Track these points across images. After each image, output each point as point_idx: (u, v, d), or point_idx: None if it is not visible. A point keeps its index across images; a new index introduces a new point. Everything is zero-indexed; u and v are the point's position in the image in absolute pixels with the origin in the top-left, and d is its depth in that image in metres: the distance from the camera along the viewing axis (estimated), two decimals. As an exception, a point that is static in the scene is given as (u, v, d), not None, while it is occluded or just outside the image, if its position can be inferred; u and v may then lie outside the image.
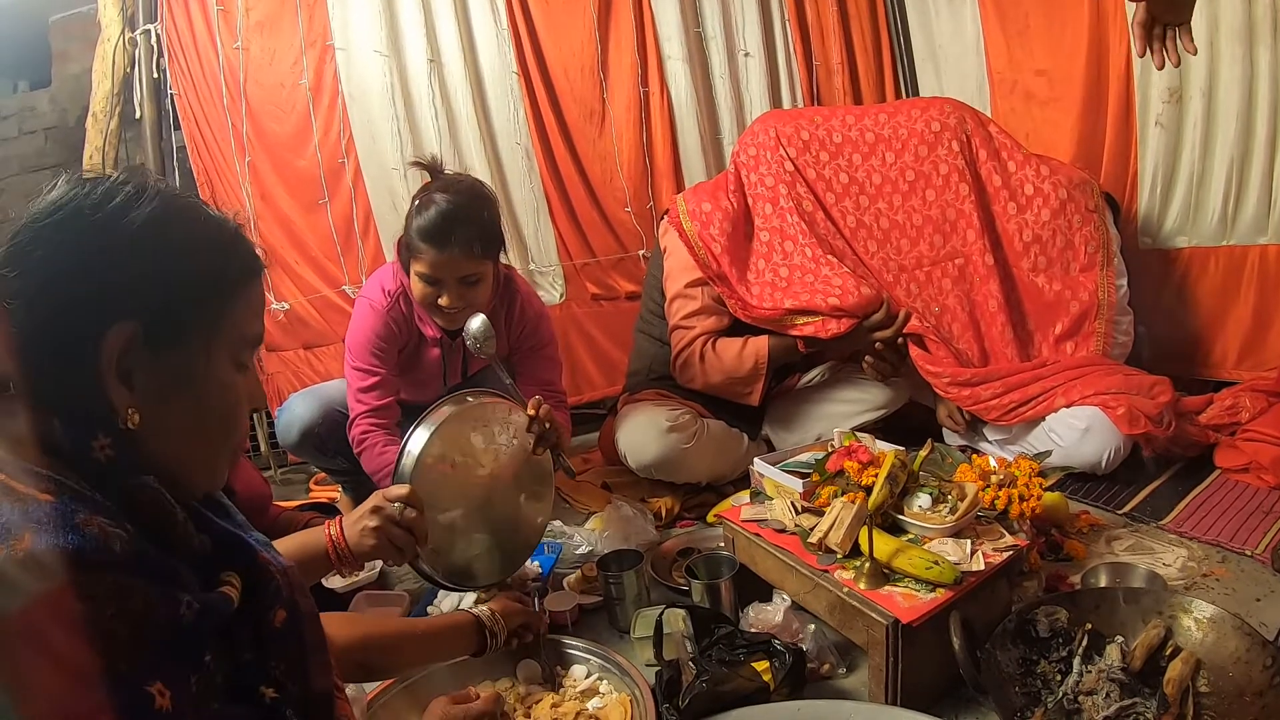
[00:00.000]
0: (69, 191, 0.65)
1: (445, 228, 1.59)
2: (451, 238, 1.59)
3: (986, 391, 2.02)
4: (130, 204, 0.65)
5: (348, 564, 1.19)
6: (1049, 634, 1.21)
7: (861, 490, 1.31)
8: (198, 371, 0.68)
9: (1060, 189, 2.12)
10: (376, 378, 1.75)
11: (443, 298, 1.66)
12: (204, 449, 0.71)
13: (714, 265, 2.08)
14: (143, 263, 0.65)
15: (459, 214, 1.60)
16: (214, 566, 0.68)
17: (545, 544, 1.77)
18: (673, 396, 2.13)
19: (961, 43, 2.79)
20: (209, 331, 0.69)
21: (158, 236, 0.66)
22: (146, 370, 0.64)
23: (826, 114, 2.22)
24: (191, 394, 0.68)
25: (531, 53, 2.65)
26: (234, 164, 2.37)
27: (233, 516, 0.78)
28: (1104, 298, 2.10)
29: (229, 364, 0.71)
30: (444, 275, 1.63)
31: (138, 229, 0.65)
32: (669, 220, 2.17)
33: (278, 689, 0.69)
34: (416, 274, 1.66)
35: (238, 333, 0.71)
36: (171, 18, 2.29)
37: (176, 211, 0.68)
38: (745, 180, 2.19)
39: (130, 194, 0.65)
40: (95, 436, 0.62)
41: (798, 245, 2.10)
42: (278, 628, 0.71)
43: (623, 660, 1.27)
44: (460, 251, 1.60)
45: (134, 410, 0.63)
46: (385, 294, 1.76)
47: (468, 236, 1.60)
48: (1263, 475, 1.83)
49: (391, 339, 1.76)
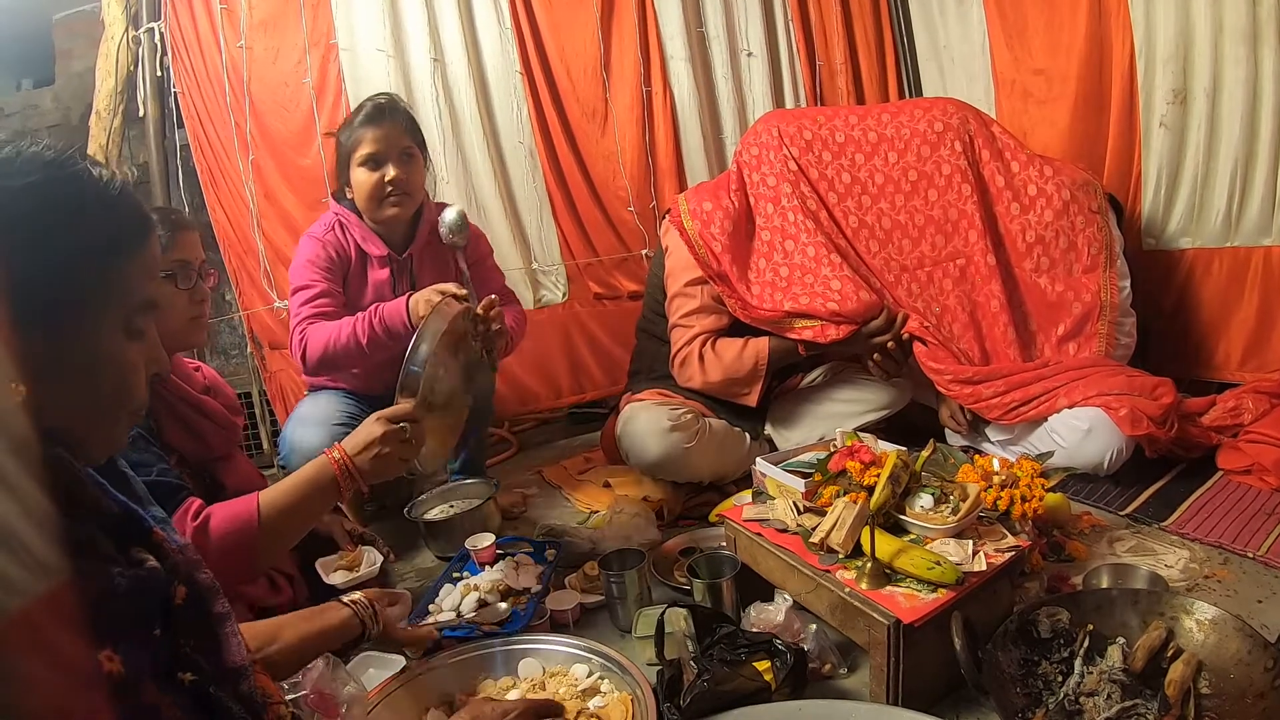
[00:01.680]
0: None
1: (381, 108, 1.84)
2: (388, 114, 1.84)
3: (988, 390, 2.02)
4: (5, 168, 0.62)
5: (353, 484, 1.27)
6: (1050, 635, 1.21)
7: (863, 490, 1.31)
8: (84, 342, 0.65)
9: (1064, 190, 2.11)
10: (317, 289, 1.83)
11: (389, 173, 1.82)
12: (98, 418, 0.69)
13: (714, 264, 2.08)
14: (22, 228, 0.62)
15: (389, 100, 1.89)
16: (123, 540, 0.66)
17: (546, 542, 1.78)
18: (675, 395, 2.13)
19: (968, 43, 2.79)
20: (94, 300, 0.66)
21: (37, 200, 0.63)
22: (29, 342, 0.61)
23: (829, 114, 2.22)
24: (79, 365, 0.65)
25: (535, 52, 2.65)
26: (237, 162, 2.37)
27: (131, 488, 0.76)
28: (1106, 299, 2.09)
29: (118, 333, 0.68)
30: (388, 149, 1.82)
31: (15, 195, 0.62)
32: (670, 219, 2.17)
33: (194, 670, 0.67)
34: (360, 164, 1.83)
35: (128, 298, 0.68)
36: (175, 16, 2.29)
37: (54, 177, 0.65)
38: (747, 180, 2.18)
39: (6, 158, 0.63)
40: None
41: (799, 245, 2.09)
42: (179, 605, 0.69)
43: (624, 659, 1.27)
44: (399, 124, 1.84)
45: (16, 383, 0.60)
46: (323, 225, 1.92)
47: (402, 114, 1.88)
48: (1265, 477, 1.83)
49: (332, 261, 1.87)
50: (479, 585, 1.58)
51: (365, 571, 1.57)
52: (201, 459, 1.50)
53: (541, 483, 2.38)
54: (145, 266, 0.70)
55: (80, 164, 0.67)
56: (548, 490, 2.32)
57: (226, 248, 2.41)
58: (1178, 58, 2.23)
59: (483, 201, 2.66)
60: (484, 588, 1.57)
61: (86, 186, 0.67)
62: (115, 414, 0.70)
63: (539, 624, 1.51)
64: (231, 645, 0.74)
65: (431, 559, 1.92)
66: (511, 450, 2.71)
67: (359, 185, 1.85)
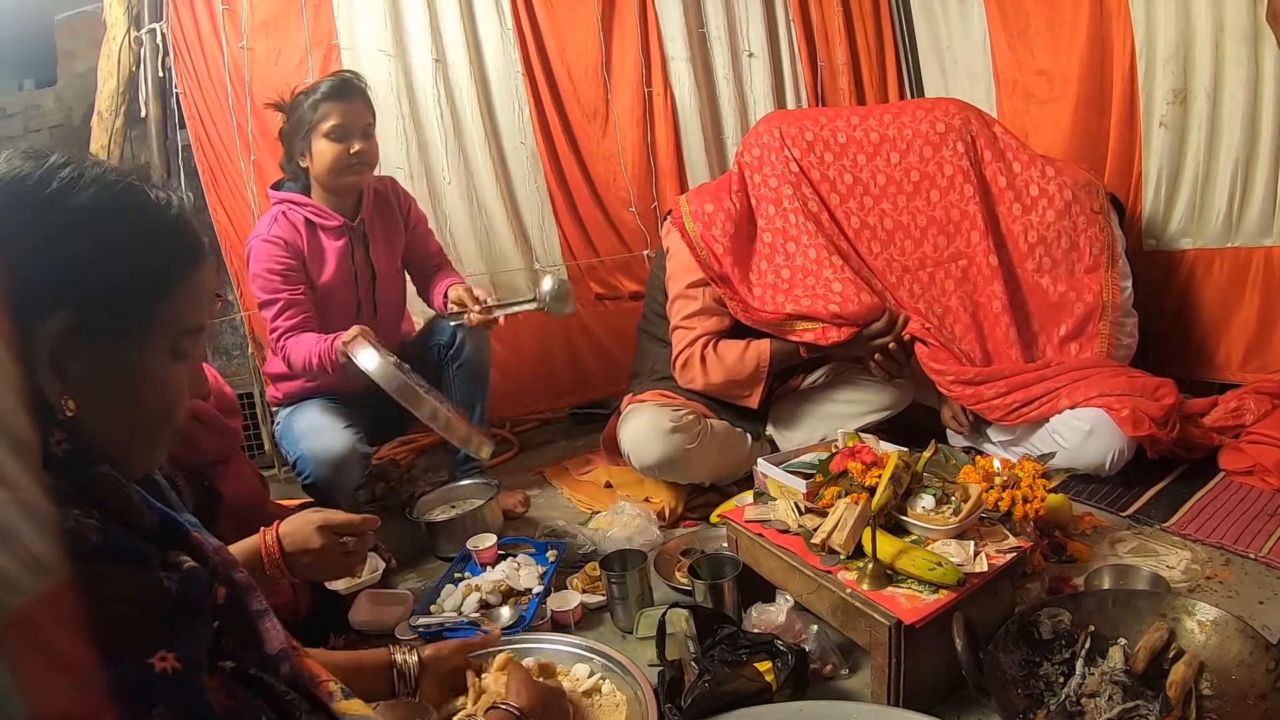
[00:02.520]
0: (7, 173, 0.62)
1: (348, 83, 1.91)
2: (352, 90, 1.90)
3: (990, 390, 2.02)
4: (68, 191, 0.63)
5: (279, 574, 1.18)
6: (1052, 636, 1.21)
7: (865, 491, 1.31)
8: (132, 363, 0.66)
9: (1065, 190, 2.11)
10: (282, 299, 1.88)
11: (354, 145, 1.89)
12: (141, 436, 0.70)
13: (716, 266, 2.08)
14: (80, 252, 0.62)
15: (350, 76, 1.94)
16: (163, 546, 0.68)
17: (548, 543, 1.78)
18: (676, 397, 2.13)
19: (969, 43, 2.79)
20: (145, 323, 0.67)
21: (95, 226, 0.63)
22: (81, 360, 0.63)
23: (831, 115, 2.22)
24: (126, 385, 0.67)
25: (536, 53, 2.66)
26: (239, 163, 2.38)
27: (165, 496, 0.77)
28: (1108, 299, 2.09)
29: (165, 355, 0.69)
30: (352, 123, 1.89)
31: (74, 217, 0.62)
32: (672, 221, 2.17)
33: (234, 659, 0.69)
34: (325, 136, 1.88)
35: (176, 324, 0.69)
36: (177, 17, 2.30)
37: (116, 198, 0.65)
38: (749, 181, 2.18)
39: (68, 179, 0.63)
40: (51, 434, 0.61)
41: (800, 246, 2.09)
42: (221, 604, 0.71)
43: (625, 660, 1.27)
44: (362, 100, 1.92)
45: (68, 399, 0.62)
46: (268, 220, 1.95)
47: (362, 89, 1.94)
48: (1267, 478, 1.83)
49: (287, 261, 1.90)
50: (480, 586, 1.58)
51: (367, 578, 1.57)
52: (194, 464, 1.45)
53: (543, 483, 2.38)
54: (196, 291, 0.71)
55: (140, 186, 0.68)
56: (549, 491, 2.32)
57: (228, 248, 2.42)
58: (1178, 58, 2.23)
59: (484, 202, 2.66)
60: (485, 588, 1.57)
61: (145, 210, 0.68)
62: (160, 433, 0.72)
63: (541, 624, 1.51)
64: (270, 636, 0.76)
65: (433, 559, 1.92)
66: (513, 451, 2.71)
67: (320, 154, 1.90)
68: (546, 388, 2.83)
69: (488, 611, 1.54)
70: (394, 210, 2.11)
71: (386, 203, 2.10)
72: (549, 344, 2.78)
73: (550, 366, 2.81)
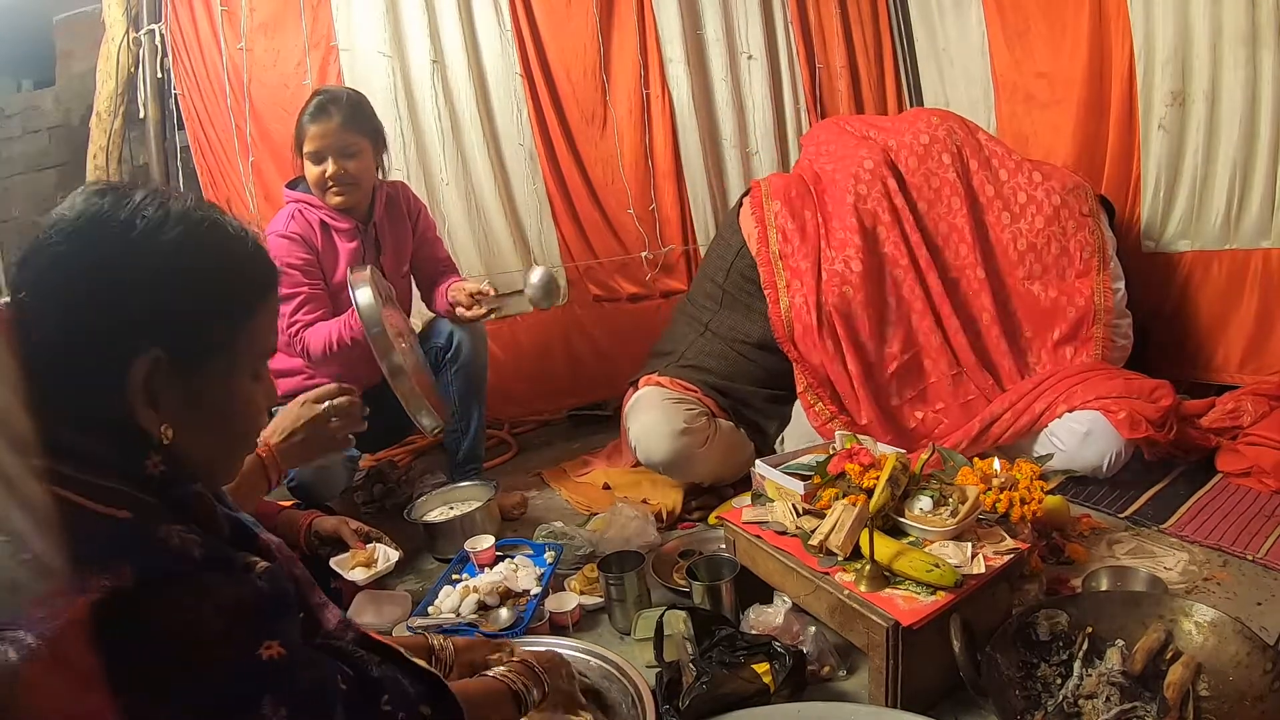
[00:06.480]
0: (87, 210, 0.63)
1: (322, 105, 1.89)
2: (329, 110, 1.88)
3: (998, 428, 2.01)
4: (156, 229, 0.64)
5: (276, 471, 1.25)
6: (1049, 637, 1.22)
7: (863, 493, 1.31)
8: (220, 390, 0.70)
9: (1054, 195, 2.12)
10: (301, 295, 1.88)
11: (328, 168, 1.89)
12: (228, 454, 0.76)
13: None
14: (168, 291, 0.64)
15: (334, 95, 1.93)
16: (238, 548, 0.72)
17: (546, 545, 1.78)
18: (693, 389, 2.11)
19: (968, 45, 2.78)
20: (230, 352, 0.70)
21: (183, 263, 0.65)
22: (173, 391, 0.66)
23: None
24: (217, 410, 0.71)
25: (535, 55, 2.66)
26: (237, 164, 2.38)
27: (226, 501, 0.81)
28: (1100, 302, 2.09)
29: (248, 378, 0.73)
30: (324, 146, 1.88)
31: (163, 256, 0.64)
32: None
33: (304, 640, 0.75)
34: (307, 158, 1.90)
35: (255, 349, 0.73)
36: (176, 18, 2.30)
37: (201, 235, 0.67)
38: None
39: (155, 219, 0.64)
40: (148, 455, 0.64)
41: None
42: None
43: (623, 661, 1.27)
44: (337, 121, 1.88)
45: (166, 426, 0.66)
46: (284, 216, 1.96)
47: (342, 111, 1.90)
48: (1264, 479, 1.83)
49: (304, 257, 1.91)
50: (478, 587, 1.58)
51: (383, 567, 1.57)
52: None
53: (541, 485, 2.38)
54: (272, 315, 0.76)
55: (222, 220, 0.70)
56: (547, 492, 2.32)
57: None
58: (1176, 60, 2.23)
59: (482, 203, 2.66)
60: (483, 590, 1.57)
61: (228, 245, 0.70)
62: (244, 449, 0.78)
63: (539, 626, 1.51)
64: (328, 617, 0.83)
65: (431, 561, 1.92)
66: (511, 452, 2.70)
67: (308, 174, 1.94)
68: (544, 390, 2.82)
69: (486, 613, 1.54)
70: (403, 215, 2.12)
71: (397, 207, 2.11)
72: (547, 346, 2.78)
73: (548, 368, 2.81)
